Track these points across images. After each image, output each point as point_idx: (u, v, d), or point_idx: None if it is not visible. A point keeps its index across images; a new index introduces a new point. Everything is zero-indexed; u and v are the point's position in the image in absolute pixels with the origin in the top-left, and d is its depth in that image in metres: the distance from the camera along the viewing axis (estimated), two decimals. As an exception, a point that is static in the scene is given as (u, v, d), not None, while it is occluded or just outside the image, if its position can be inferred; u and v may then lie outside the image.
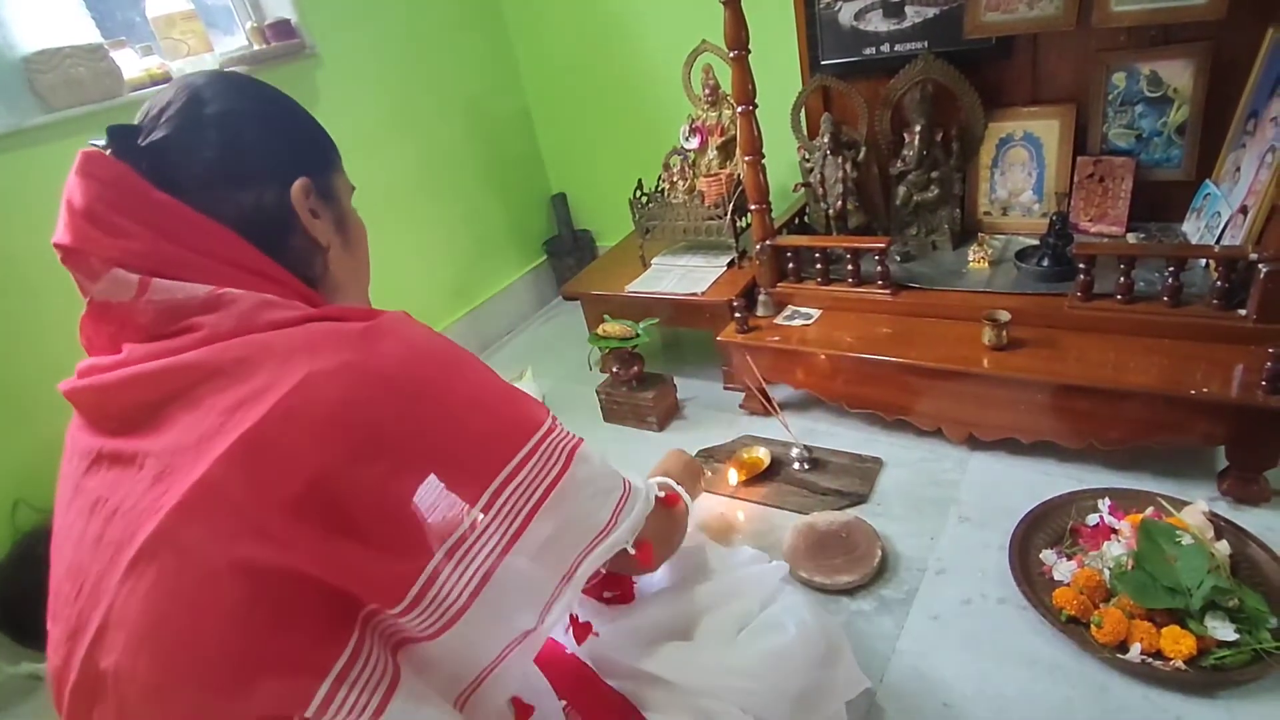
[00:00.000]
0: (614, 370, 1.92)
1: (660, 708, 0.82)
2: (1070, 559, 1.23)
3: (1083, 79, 1.66)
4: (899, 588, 1.30)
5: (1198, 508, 1.22)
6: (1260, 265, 1.26)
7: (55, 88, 1.53)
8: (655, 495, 0.84)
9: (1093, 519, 1.28)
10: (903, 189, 1.81)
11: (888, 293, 1.69)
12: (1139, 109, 1.62)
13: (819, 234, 1.94)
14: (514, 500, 0.65)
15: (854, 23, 1.82)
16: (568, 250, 2.74)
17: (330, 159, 0.74)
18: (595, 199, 2.76)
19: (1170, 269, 1.38)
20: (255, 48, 1.89)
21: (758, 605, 0.94)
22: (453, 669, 0.64)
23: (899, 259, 1.79)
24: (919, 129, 1.75)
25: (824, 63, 1.89)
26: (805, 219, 2.00)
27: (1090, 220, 1.69)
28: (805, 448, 1.65)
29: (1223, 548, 1.15)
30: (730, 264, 2.02)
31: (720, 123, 2.06)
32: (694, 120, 2.09)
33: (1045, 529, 1.30)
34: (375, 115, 2.17)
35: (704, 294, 1.92)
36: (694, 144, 2.08)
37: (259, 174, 0.66)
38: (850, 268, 1.72)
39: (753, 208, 1.75)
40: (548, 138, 2.74)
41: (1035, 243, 1.67)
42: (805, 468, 1.62)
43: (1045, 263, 1.60)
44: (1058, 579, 1.21)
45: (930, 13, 1.72)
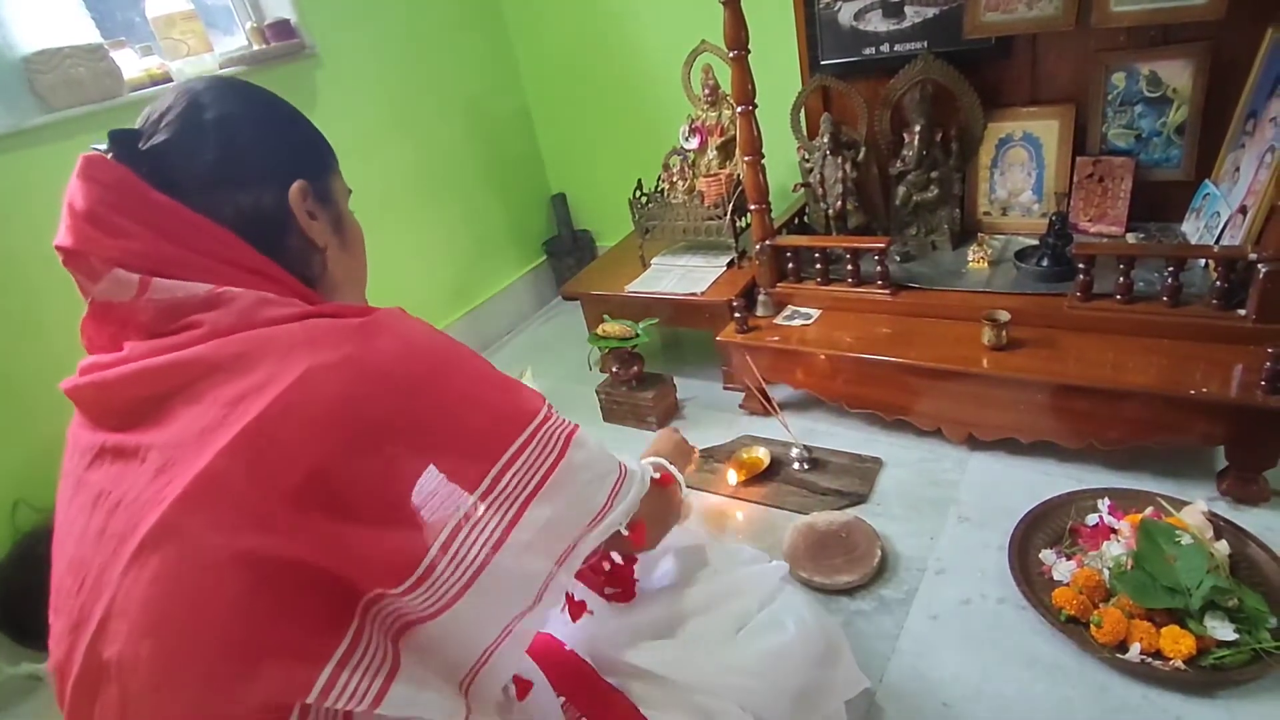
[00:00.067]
0: (614, 370, 1.92)
1: (659, 705, 0.82)
2: (1070, 559, 1.23)
3: (1082, 79, 1.66)
4: (899, 588, 1.30)
5: (1197, 508, 1.22)
6: (1259, 265, 1.26)
7: (55, 88, 1.53)
8: (650, 477, 0.84)
9: (1092, 519, 1.28)
10: (902, 189, 1.82)
11: (887, 293, 1.69)
12: (1138, 109, 1.62)
13: (819, 234, 1.94)
14: (512, 486, 0.66)
15: (854, 23, 1.82)
16: (567, 250, 2.74)
17: (327, 163, 0.75)
18: (595, 199, 2.76)
19: (1170, 269, 1.38)
20: (255, 48, 1.89)
21: (757, 604, 0.94)
22: (453, 653, 0.65)
23: (898, 259, 1.79)
24: (918, 129, 1.75)
25: (824, 63, 1.89)
26: (805, 219, 2.01)
27: (1090, 220, 1.69)
28: (805, 448, 1.65)
29: (1222, 548, 1.15)
30: (730, 264, 2.02)
31: (720, 123, 2.06)
32: (694, 120, 2.09)
33: (1045, 529, 1.31)
34: (375, 115, 2.17)
35: (704, 294, 1.92)
36: (694, 144, 2.08)
37: (257, 176, 0.67)
38: (850, 268, 1.72)
39: (752, 208, 1.75)
40: (547, 138, 2.74)
41: (1035, 243, 1.67)
42: (805, 468, 1.62)
43: (1045, 263, 1.60)
44: (1057, 579, 1.21)
45: (930, 13, 1.73)
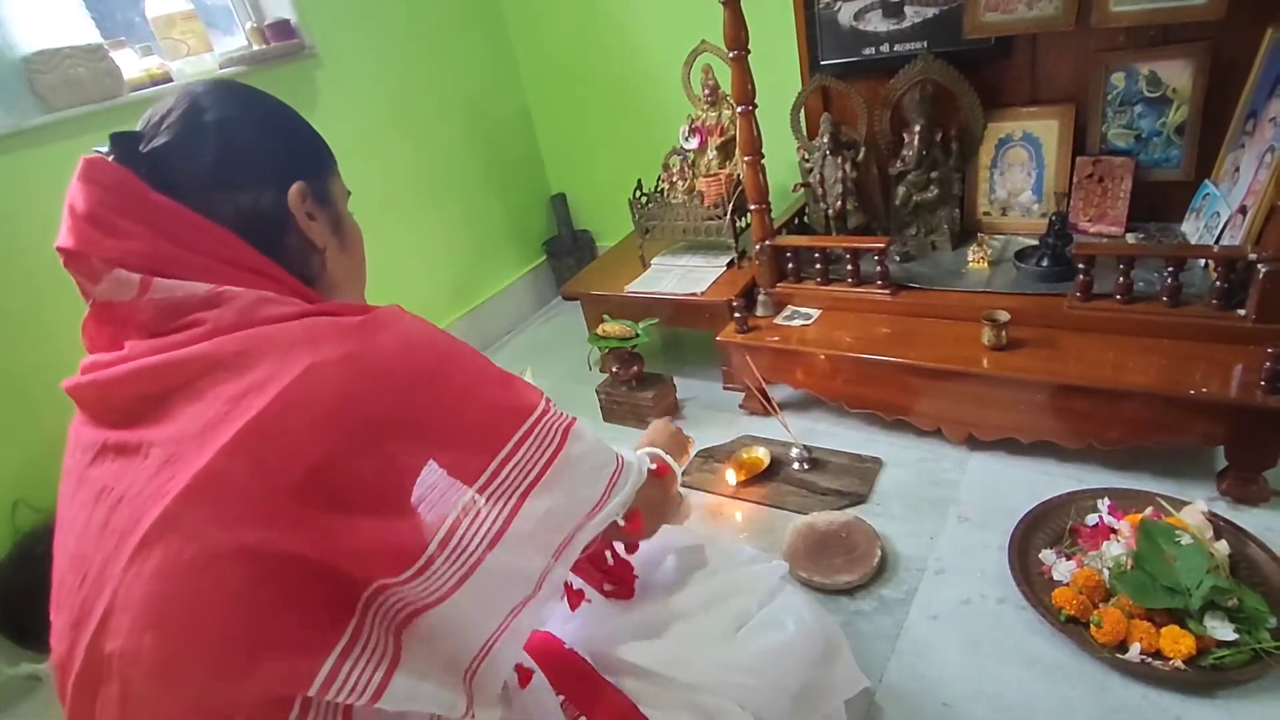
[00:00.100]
0: (614, 370, 1.92)
1: (658, 703, 0.82)
2: (1070, 559, 1.23)
3: (1082, 79, 1.66)
4: (898, 588, 1.30)
5: (1197, 508, 1.22)
6: (1259, 265, 1.27)
7: (55, 88, 1.53)
8: (647, 468, 0.85)
9: (1092, 519, 1.28)
10: (902, 189, 1.82)
11: (887, 293, 1.69)
12: (1138, 109, 1.62)
13: (818, 234, 1.94)
14: (511, 479, 0.66)
15: (853, 23, 1.82)
16: (567, 250, 2.74)
17: (326, 165, 0.76)
18: (595, 199, 2.76)
19: (1169, 269, 1.38)
20: (255, 48, 1.89)
21: (756, 603, 0.94)
22: (454, 643, 0.65)
23: (898, 259, 1.79)
24: (918, 129, 1.75)
25: (823, 63, 1.89)
26: (805, 219, 2.01)
27: (1089, 220, 1.69)
28: (805, 448, 1.65)
29: (1222, 548, 1.16)
30: (730, 264, 2.02)
31: (720, 123, 2.06)
32: (693, 120, 2.09)
33: (1045, 529, 1.31)
34: (375, 115, 2.17)
35: (703, 294, 1.92)
36: (693, 144, 2.08)
37: (256, 178, 0.67)
38: (850, 268, 1.72)
39: (752, 208, 1.75)
40: (547, 138, 2.74)
41: (1034, 243, 1.67)
42: (805, 468, 1.62)
43: (1044, 263, 1.60)
44: (1057, 579, 1.21)
45: (929, 13, 1.73)
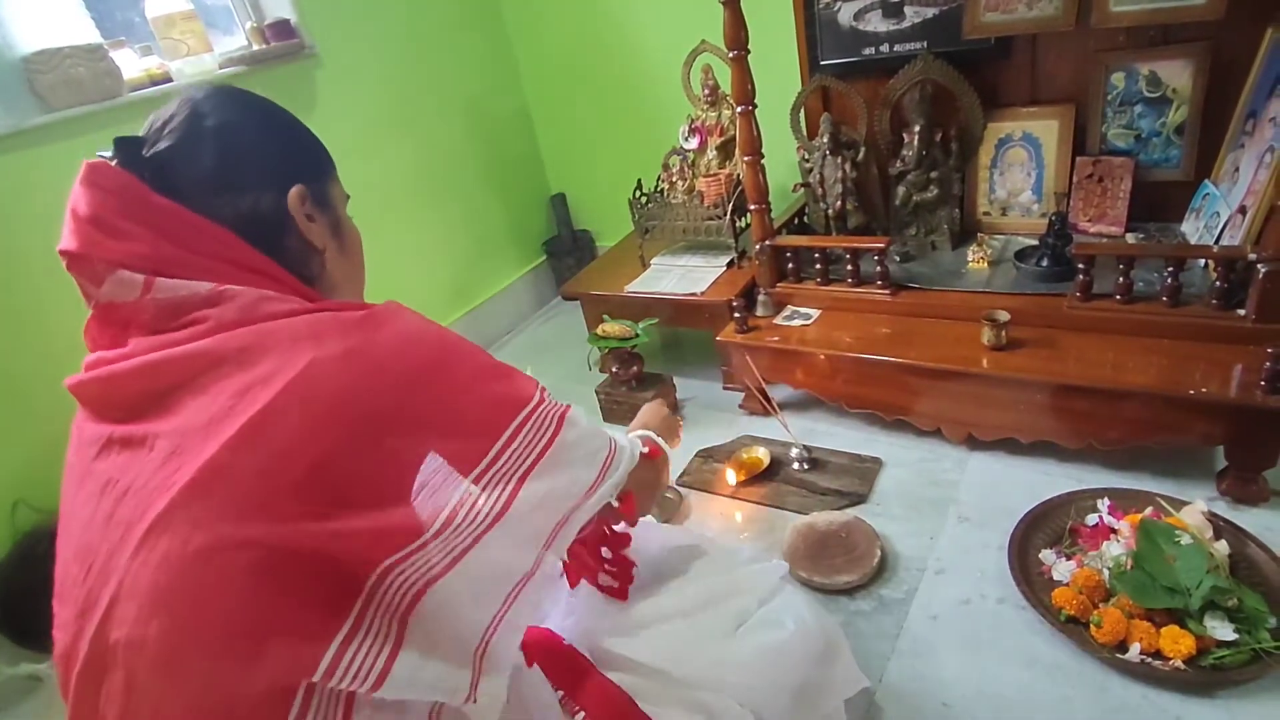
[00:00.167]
0: (613, 370, 1.92)
1: (658, 700, 0.82)
2: (1069, 559, 1.23)
3: (1082, 79, 1.66)
4: (898, 588, 1.30)
5: (1197, 507, 1.22)
6: (1259, 265, 1.27)
7: (55, 88, 1.53)
8: (640, 451, 0.87)
9: (1092, 519, 1.28)
10: (902, 189, 1.82)
11: (887, 293, 1.69)
12: (1138, 109, 1.62)
13: (818, 234, 1.94)
14: (509, 465, 0.68)
15: (853, 23, 1.82)
16: (567, 250, 2.74)
17: (325, 169, 0.77)
18: (595, 199, 2.76)
19: (1169, 269, 1.38)
20: (255, 48, 1.89)
21: (756, 602, 0.94)
22: (461, 621, 0.66)
23: (898, 259, 1.79)
24: (918, 129, 1.75)
25: (823, 63, 1.89)
26: (805, 219, 2.01)
27: (1089, 220, 1.69)
28: (805, 448, 1.65)
29: (1221, 547, 1.16)
30: (730, 264, 2.02)
31: (720, 123, 2.06)
32: (693, 120, 2.09)
33: (1044, 529, 1.31)
34: (375, 115, 2.17)
35: (703, 294, 1.92)
36: (693, 144, 2.08)
37: (256, 181, 0.69)
38: (850, 268, 1.72)
39: (752, 208, 1.75)
40: (547, 138, 2.74)
41: (1034, 243, 1.67)
42: (805, 468, 1.62)
43: (1044, 263, 1.60)
44: (1057, 579, 1.21)
45: (929, 13, 1.73)
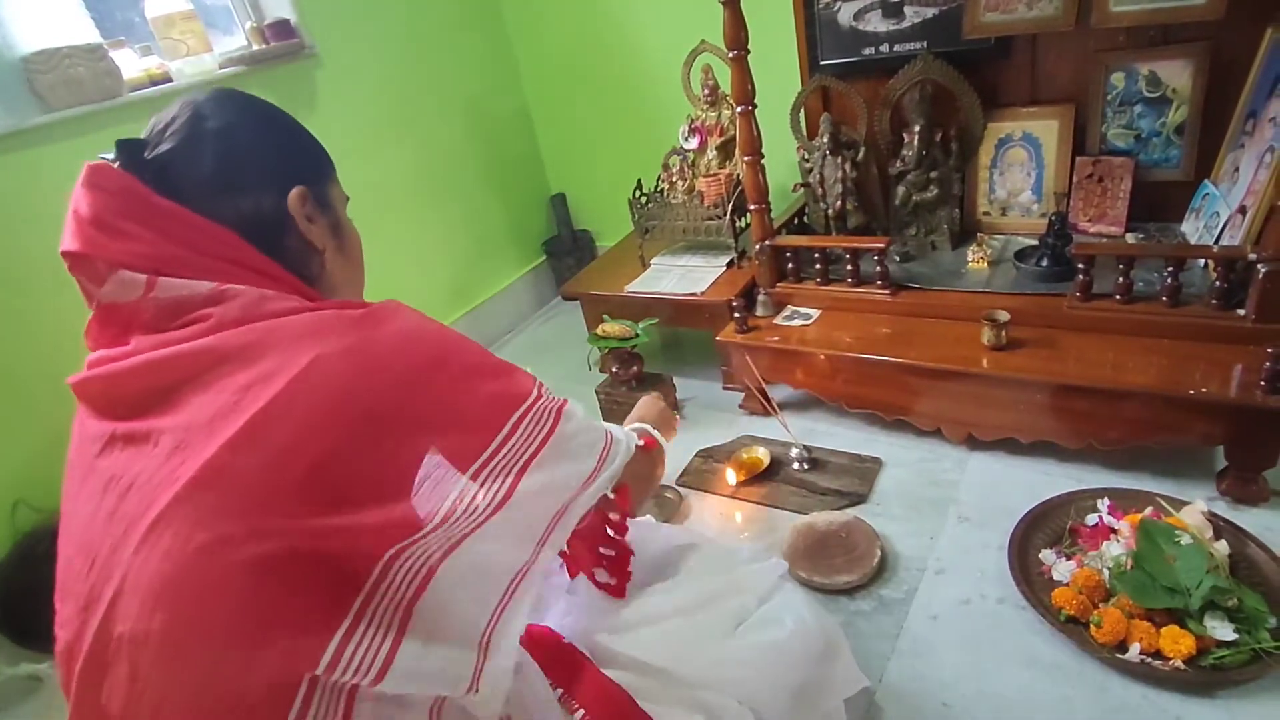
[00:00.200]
0: (613, 370, 1.92)
1: (657, 698, 0.81)
2: (1069, 559, 1.23)
3: (1082, 79, 1.66)
4: (898, 588, 1.30)
5: (1197, 507, 1.22)
6: (1259, 265, 1.27)
7: (55, 88, 1.53)
8: (635, 444, 0.89)
9: (1092, 519, 1.28)
10: (902, 189, 1.82)
11: (887, 293, 1.69)
12: (1138, 109, 1.62)
13: (818, 234, 1.94)
14: (508, 459, 0.69)
15: (853, 23, 1.82)
16: (567, 250, 2.74)
17: (325, 171, 0.78)
18: (595, 199, 2.76)
19: (1169, 269, 1.38)
20: (255, 48, 1.89)
21: (755, 601, 0.94)
22: (463, 612, 0.66)
23: (898, 259, 1.79)
24: (918, 129, 1.75)
25: (823, 63, 1.89)
26: (804, 219, 2.01)
27: (1089, 220, 1.69)
28: (805, 448, 1.65)
29: (1221, 547, 1.15)
30: (730, 264, 2.02)
31: (719, 123, 2.06)
32: (693, 120, 2.09)
33: (1044, 529, 1.31)
34: (375, 115, 2.17)
35: (703, 294, 1.92)
36: (693, 144, 2.08)
37: (257, 182, 0.70)
38: (849, 268, 1.72)
39: (752, 208, 1.75)
40: (547, 138, 2.74)
41: (1034, 243, 1.67)
42: (805, 468, 1.62)
43: (1044, 263, 1.60)
44: (1057, 579, 1.21)
45: (929, 13, 1.73)
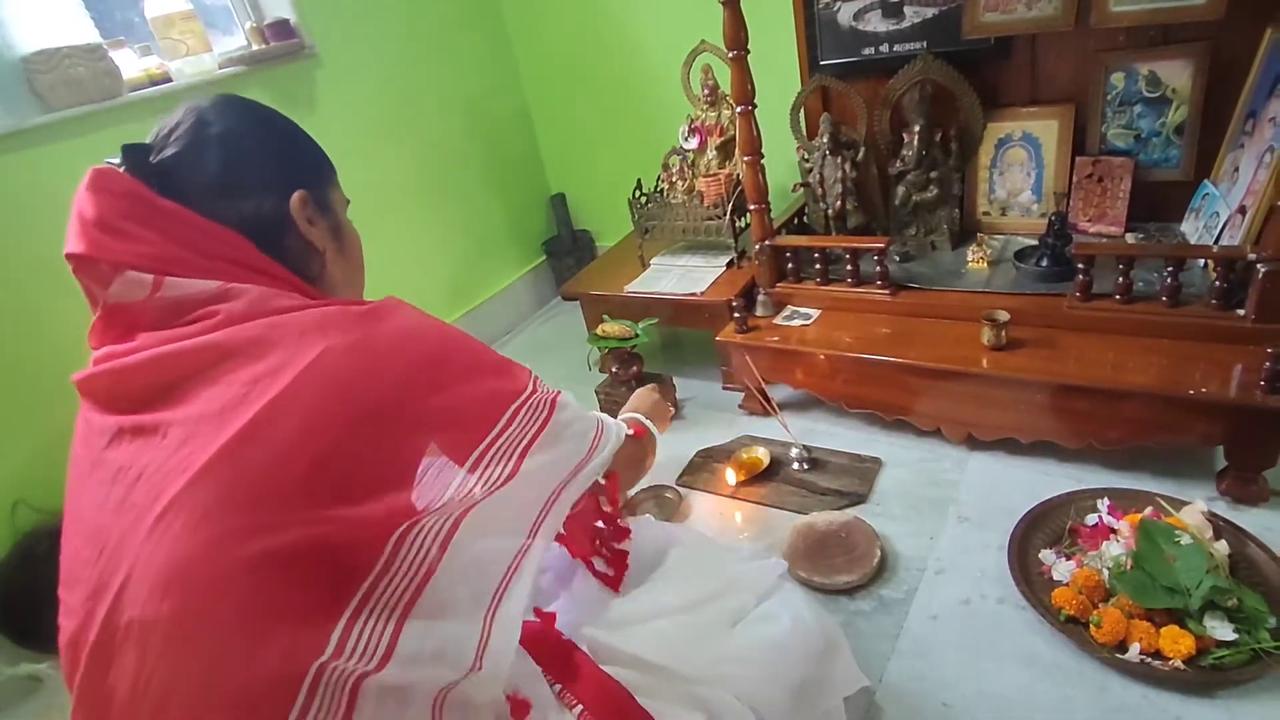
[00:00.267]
0: (613, 370, 1.92)
1: (656, 694, 0.81)
2: (1069, 559, 1.23)
3: (1081, 79, 1.66)
4: (898, 588, 1.30)
5: (1196, 507, 1.22)
6: (1259, 265, 1.27)
7: (54, 88, 1.53)
8: (625, 433, 0.96)
9: (1092, 519, 1.28)
10: (902, 189, 1.82)
11: (887, 293, 1.69)
12: (1138, 109, 1.62)
13: (818, 234, 1.94)
14: (505, 448, 0.72)
15: (853, 23, 1.82)
16: (567, 250, 2.74)
17: (325, 175, 0.79)
18: (594, 199, 2.76)
19: (1169, 269, 1.38)
20: (254, 48, 1.89)
21: (754, 599, 0.94)
22: (468, 585, 0.67)
23: (898, 259, 1.79)
24: (918, 129, 1.75)
25: (823, 63, 1.89)
26: (804, 219, 2.01)
27: (1089, 220, 1.69)
28: (804, 448, 1.65)
29: (1221, 547, 1.15)
30: (729, 264, 2.02)
31: (719, 123, 2.06)
32: (693, 120, 2.09)
33: (1044, 529, 1.31)
34: (375, 115, 2.17)
35: (703, 294, 1.92)
36: (693, 144, 2.08)
37: (259, 186, 0.71)
38: (849, 268, 1.72)
39: (752, 208, 1.75)
40: (547, 138, 2.74)
41: (1034, 243, 1.67)
42: (804, 468, 1.62)
43: (1044, 263, 1.60)
44: (1057, 579, 1.21)
45: (929, 13, 1.73)
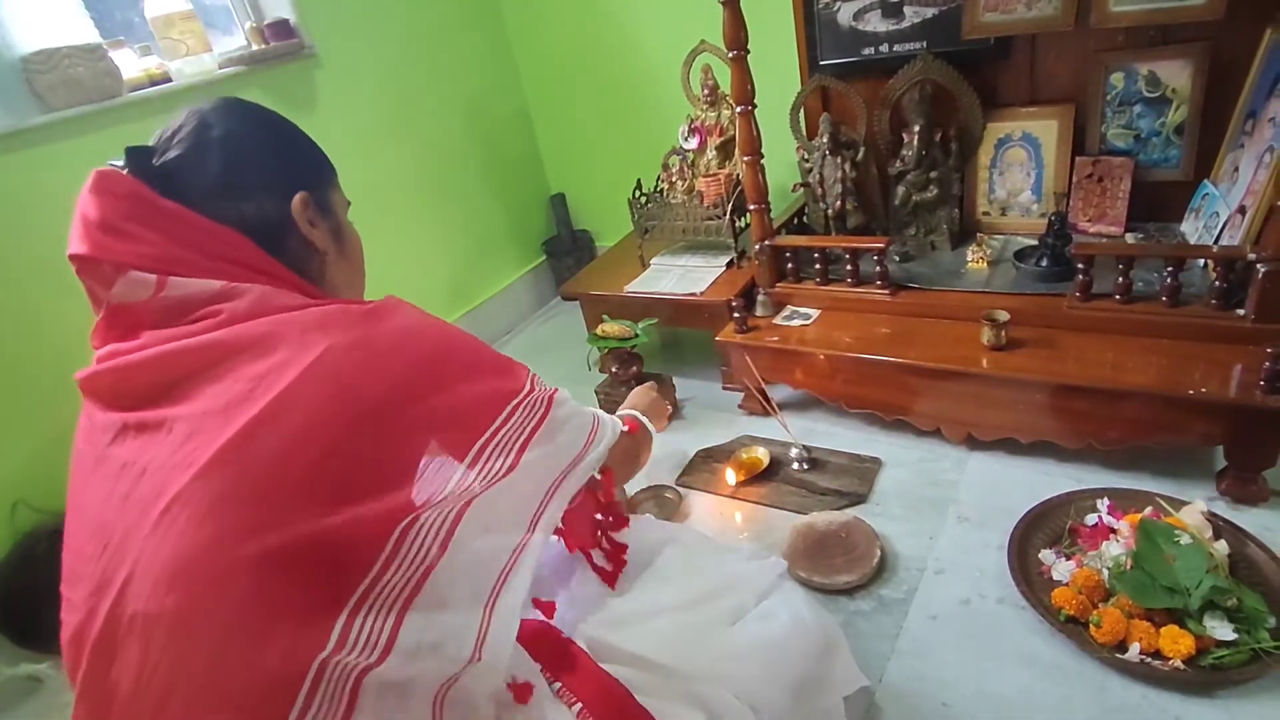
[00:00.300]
0: (613, 370, 1.92)
1: (655, 692, 0.82)
2: (1069, 559, 1.23)
3: (1081, 79, 1.66)
4: (898, 588, 1.30)
5: (1196, 507, 1.22)
6: (1258, 265, 1.27)
7: (54, 88, 1.52)
8: (621, 429, 0.97)
9: (1091, 519, 1.28)
10: (901, 189, 1.82)
11: (886, 293, 1.69)
12: (1137, 109, 1.62)
13: (818, 234, 1.94)
14: (503, 445, 0.73)
15: (853, 23, 1.82)
16: (567, 250, 2.74)
17: (326, 177, 0.80)
18: (594, 199, 2.76)
19: (1169, 269, 1.38)
20: (254, 48, 1.88)
21: (753, 598, 0.94)
22: (469, 577, 0.67)
23: (898, 259, 1.79)
24: (918, 129, 1.75)
25: (823, 63, 1.89)
26: (804, 219, 2.01)
27: (1089, 220, 1.69)
28: (804, 448, 1.65)
29: (1221, 547, 1.15)
30: (729, 264, 2.02)
31: (719, 123, 2.06)
32: (693, 120, 2.09)
33: (1044, 529, 1.31)
34: (375, 115, 2.17)
35: (703, 294, 1.92)
36: (693, 144, 2.08)
37: (260, 188, 0.72)
38: (849, 268, 1.72)
39: (752, 208, 1.75)
40: (547, 138, 2.74)
41: (1034, 243, 1.67)
42: (804, 468, 1.62)
43: (1044, 263, 1.60)
44: (1056, 579, 1.21)
45: (929, 13, 1.73)
